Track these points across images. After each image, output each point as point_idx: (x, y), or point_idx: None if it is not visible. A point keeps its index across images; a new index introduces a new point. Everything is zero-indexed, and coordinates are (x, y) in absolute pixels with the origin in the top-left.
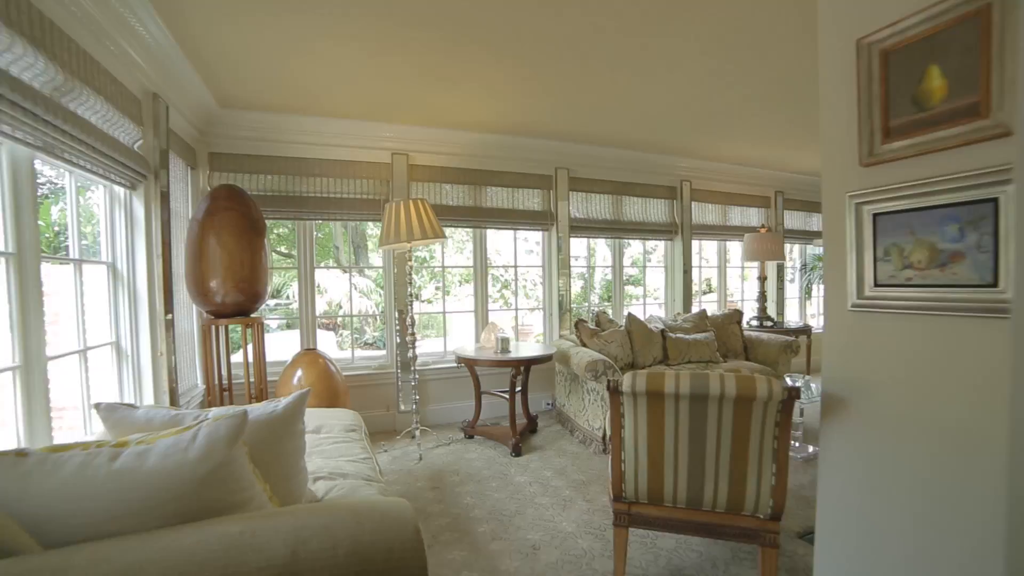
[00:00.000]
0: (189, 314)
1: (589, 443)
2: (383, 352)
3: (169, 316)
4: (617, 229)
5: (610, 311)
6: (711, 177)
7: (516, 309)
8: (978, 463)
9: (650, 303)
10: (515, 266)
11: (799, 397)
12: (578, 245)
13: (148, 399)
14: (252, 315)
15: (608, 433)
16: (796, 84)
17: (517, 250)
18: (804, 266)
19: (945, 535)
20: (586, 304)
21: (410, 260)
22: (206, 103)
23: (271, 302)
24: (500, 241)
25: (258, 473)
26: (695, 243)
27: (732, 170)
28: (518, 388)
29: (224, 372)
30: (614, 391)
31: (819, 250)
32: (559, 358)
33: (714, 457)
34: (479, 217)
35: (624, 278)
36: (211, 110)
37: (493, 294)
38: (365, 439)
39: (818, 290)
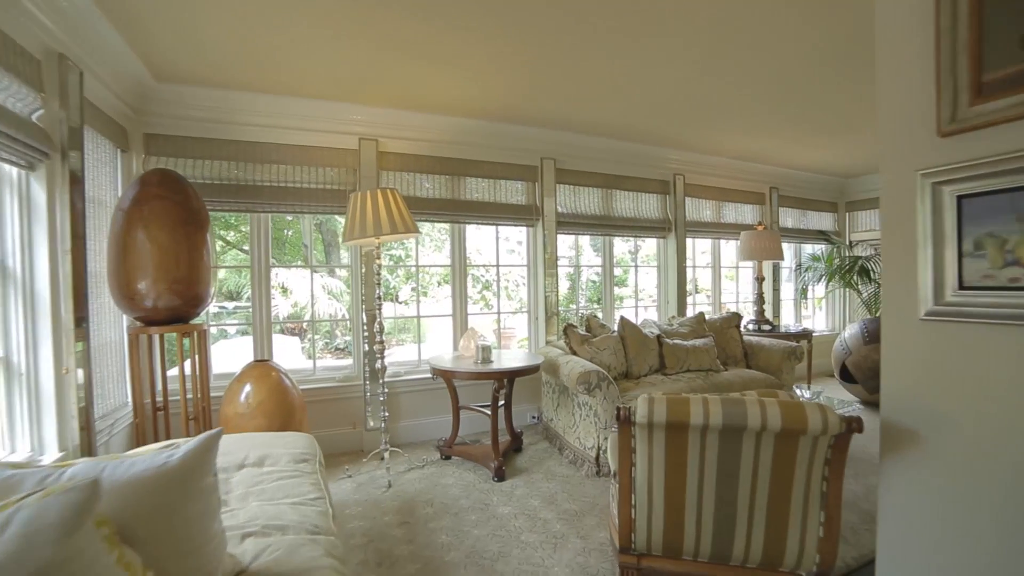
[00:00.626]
0: (117, 321)
1: (580, 464)
2: (351, 361)
3: (82, 325)
4: (607, 225)
5: (600, 314)
6: (705, 171)
7: (498, 312)
8: None
9: (641, 305)
10: (496, 265)
11: (860, 430)
12: (564, 243)
13: (50, 427)
14: (192, 322)
15: (602, 451)
16: (793, 76)
17: (499, 248)
18: (799, 267)
19: None
20: (573, 306)
21: (379, 258)
22: (137, 73)
23: (229, 304)
24: (481, 239)
25: (134, 562)
26: (688, 241)
27: (726, 164)
28: (501, 403)
29: (159, 389)
30: (625, 421)
31: (816, 249)
32: (547, 368)
33: (747, 502)
34: (457, 211)
35: (614, 278)
36: (145, 82)
37: (474, 295)
38: (319, 471)
39: (813, 292)
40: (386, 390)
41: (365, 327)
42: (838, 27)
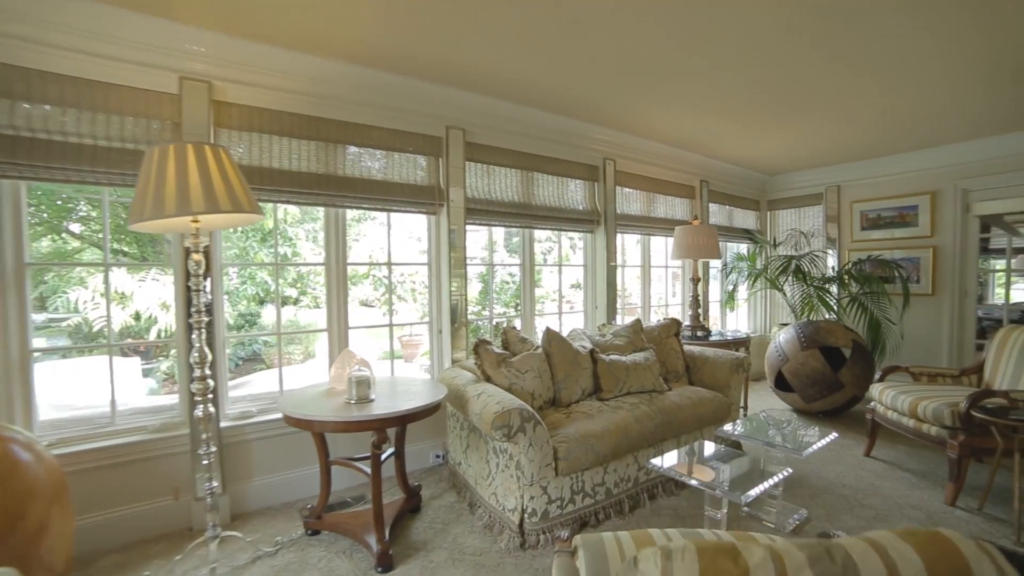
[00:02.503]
0: None
1: (499, 531)
2: (176, 399)
3: None
4: (528, 215)
5: (518, 323)
6: (636, 157)
7: (391, 325)
8: None
9: (565, 311)
10: (388, 264)
11: None
12: (476, 237)
13: None
14: None
15: (527, 514)
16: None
17: (392, 240)
18: (725, 267)
19: None
20: (486, 313)
21: (197, 253)
22: None
23: (37, 317)
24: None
25: None
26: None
27: (659, 151)
28: (388, 454)
29: None
30: None
31: (741, 248)
32: (452, 401)
33: None
34: (334, 190)
35: (535, 280)
36: None
37: (373, 299)
38: None
39: (745, 293)
40: (212, 448)
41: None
42: None
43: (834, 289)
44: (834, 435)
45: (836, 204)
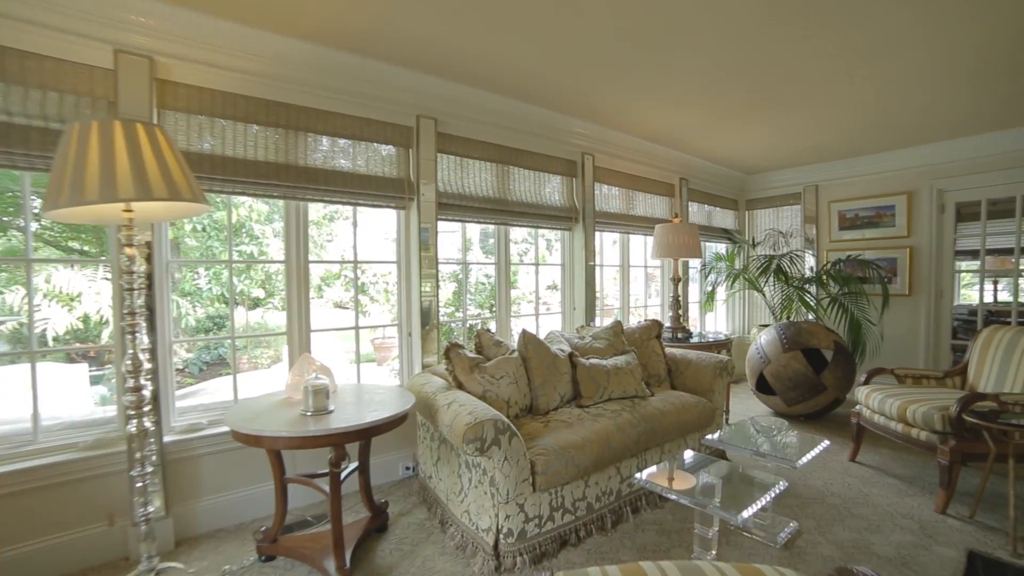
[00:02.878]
0: None
1: (472, 552)
2: (114, 411)
3: None
4: (503, 211)
5: (493, 326)
6: (616, 153)
7: (356, 328)
8: None
9: (543, 312)
10: (355, 262)
11: None
12: (448, 233)
13: None
14: None
15: (503, 534)
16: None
17: (365, 240)
18: (704, 266)
19: None
20: (460, 315)
21: (130, 247)
22: None
23: None
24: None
25: None
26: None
27: (639, 146)
28: (351, 470)
29: None
30: None
31: (720, 248)
32: (421, 410)
33: None
34: (292, 181)
35: (511, 280)
36: None
37: (347, 300)
38: None
39: (724, 293)
40: (147, 469)
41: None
42: None
43: (813, 289)
44: (825, 443)
45: (814, 204)
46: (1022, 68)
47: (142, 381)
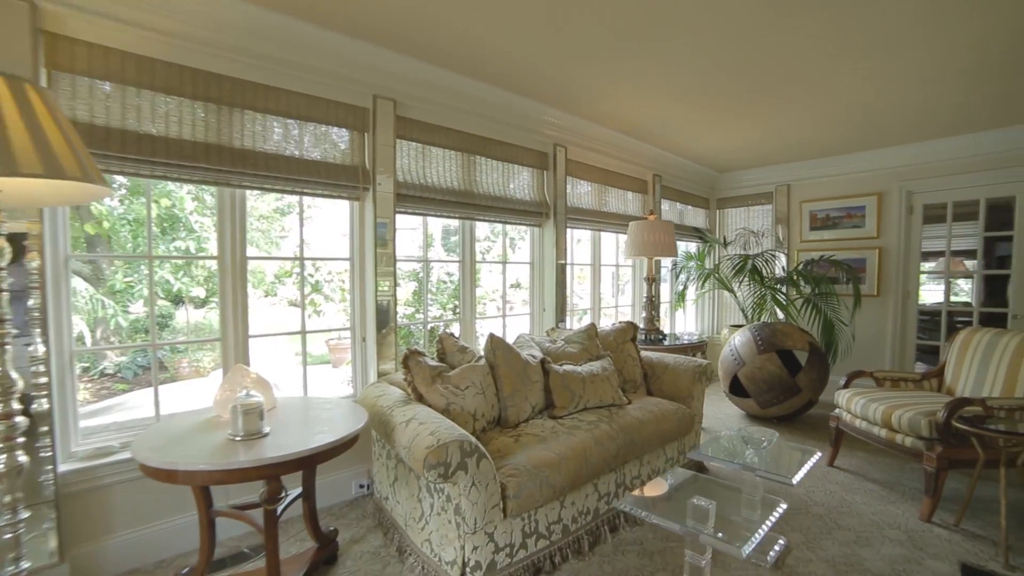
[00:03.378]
0: None
1: None
2: None
3: None
4: (468, 204)
5: (457, 328)
6: (589, 146)
7: (303, 332)
8: None
9: (509, 313)
10: (301, 259)
11: None
12: (407, 230)
13: None
14: None
15: (469, 567)
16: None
17: (320, 235)
18: (675, 265)
19: None
20: (420, 317)
21: None
22: None
23: None
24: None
25: None
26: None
27: (613, 139)
28: (292, 497)
29: None
30: None
31: (691, 247)
32: (376, 427)
33: None
34: (225, 165)
35: (476, 279)
36: None
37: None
38: None
39: (694, 293)
40: (22, 515)
41: None
42: None
43: (784, 290)
44: (817, 455)
45: (786, 203)
46: (1015, 67)
47: (13, 405)
